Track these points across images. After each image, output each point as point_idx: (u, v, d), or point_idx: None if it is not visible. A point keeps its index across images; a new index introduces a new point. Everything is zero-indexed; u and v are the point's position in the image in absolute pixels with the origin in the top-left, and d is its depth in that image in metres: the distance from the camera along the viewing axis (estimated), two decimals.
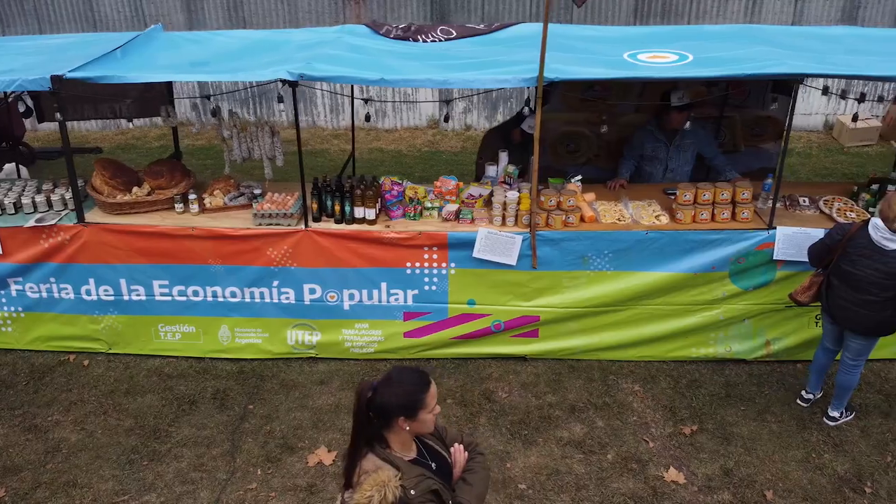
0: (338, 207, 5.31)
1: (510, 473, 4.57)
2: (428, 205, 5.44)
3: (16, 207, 5.58)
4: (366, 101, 6.05)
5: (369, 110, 6.68)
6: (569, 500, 4.39)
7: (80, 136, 10.44)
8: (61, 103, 4.99)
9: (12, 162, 7.91)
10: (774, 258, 5.18)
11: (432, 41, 5.71)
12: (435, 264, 5.30)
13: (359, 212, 5.31)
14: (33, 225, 5.35)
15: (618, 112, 6.38)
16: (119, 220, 5.40)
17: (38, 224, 5.35)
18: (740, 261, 5.22)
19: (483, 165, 6.09)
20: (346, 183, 5.35)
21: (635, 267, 5.26)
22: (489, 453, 4.67)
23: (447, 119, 5.88)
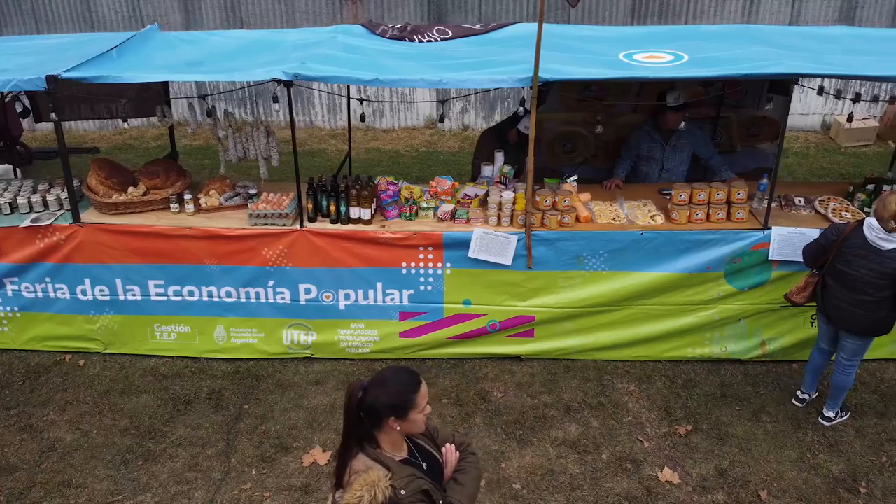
0: (333, 207, 5.32)
1: (505, 473, 4.57)
2: (423, 205, 5.44)
3: (11, 207, 5.58)
4: (361, 101, 6.05)
5: (364, 110, 6.67)
6: (563, 500, 4.39)
7: (77, 136, 10.44)
8: (56, 103, 4.99)
9: (9, 162, 7.91)
10: (770, 258, 5.18)
11: (428, 41, 5.71)
12: (430, 264, 5.30)
13: (354, 212, 5.31)
14: (29, 225, 5.35)
15: (614, 112, 6.38)
16: (115, 220, 5.40)
17: (33, 224, 5.35)
18: (736, 261, 5.22)
19: (479, 165, 6.09)
20: (341, 183, 5.35)
21: (631, 267, 5.26)
22: (484, 453, 4.68)
23: (442, 119, 5.87)
